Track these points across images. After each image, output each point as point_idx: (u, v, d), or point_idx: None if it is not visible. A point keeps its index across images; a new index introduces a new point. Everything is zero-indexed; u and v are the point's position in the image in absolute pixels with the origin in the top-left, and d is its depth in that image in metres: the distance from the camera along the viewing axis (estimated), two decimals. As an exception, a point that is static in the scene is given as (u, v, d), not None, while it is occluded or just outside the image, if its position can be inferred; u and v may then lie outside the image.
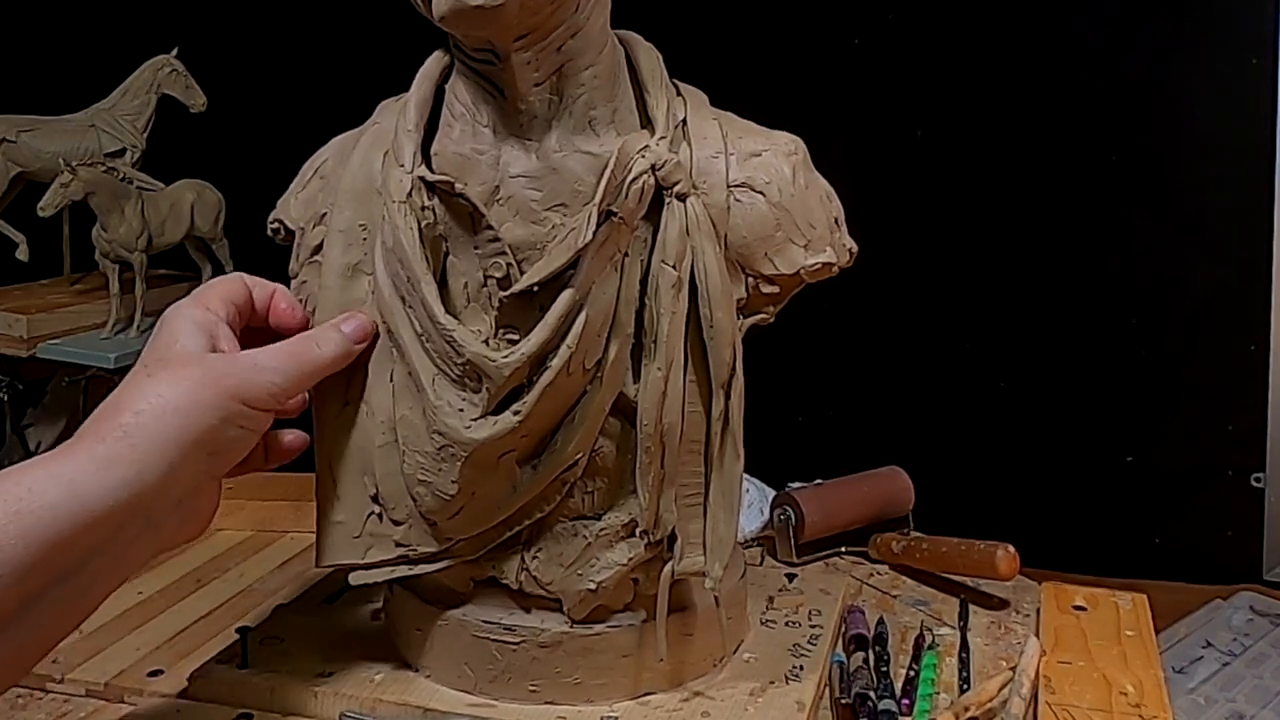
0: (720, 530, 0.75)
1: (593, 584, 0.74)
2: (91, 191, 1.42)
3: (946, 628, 0.91)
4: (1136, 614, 0.93)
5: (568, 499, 0.74)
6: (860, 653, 0.84)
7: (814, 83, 1.68)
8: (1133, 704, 0.79)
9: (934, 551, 0.99)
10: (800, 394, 1.73)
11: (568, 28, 0.71)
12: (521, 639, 0.75)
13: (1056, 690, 0.81)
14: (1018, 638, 0.91)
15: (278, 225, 0.81)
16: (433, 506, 0.72)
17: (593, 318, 0.69)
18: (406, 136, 0.73)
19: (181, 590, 0.99)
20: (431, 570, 0.76)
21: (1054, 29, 1.62)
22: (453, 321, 0.69)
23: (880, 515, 1.07)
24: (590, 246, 0.68)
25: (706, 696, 0.77)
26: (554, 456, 0.71)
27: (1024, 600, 0.96)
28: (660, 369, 0.71)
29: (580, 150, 0.72)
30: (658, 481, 0.72)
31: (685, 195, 0.72)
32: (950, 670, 0.85)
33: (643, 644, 0.76)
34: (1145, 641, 0.88)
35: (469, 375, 0.70)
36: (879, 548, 1.04)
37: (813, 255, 0.75)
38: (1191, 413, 1.64)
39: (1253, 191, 1.57)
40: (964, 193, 1.67)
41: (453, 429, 0.70)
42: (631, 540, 0.74)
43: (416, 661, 0.79)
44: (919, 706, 0.79)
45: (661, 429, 0.71)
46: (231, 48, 1.73)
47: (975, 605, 0.94)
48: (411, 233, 0.70)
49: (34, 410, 1.57)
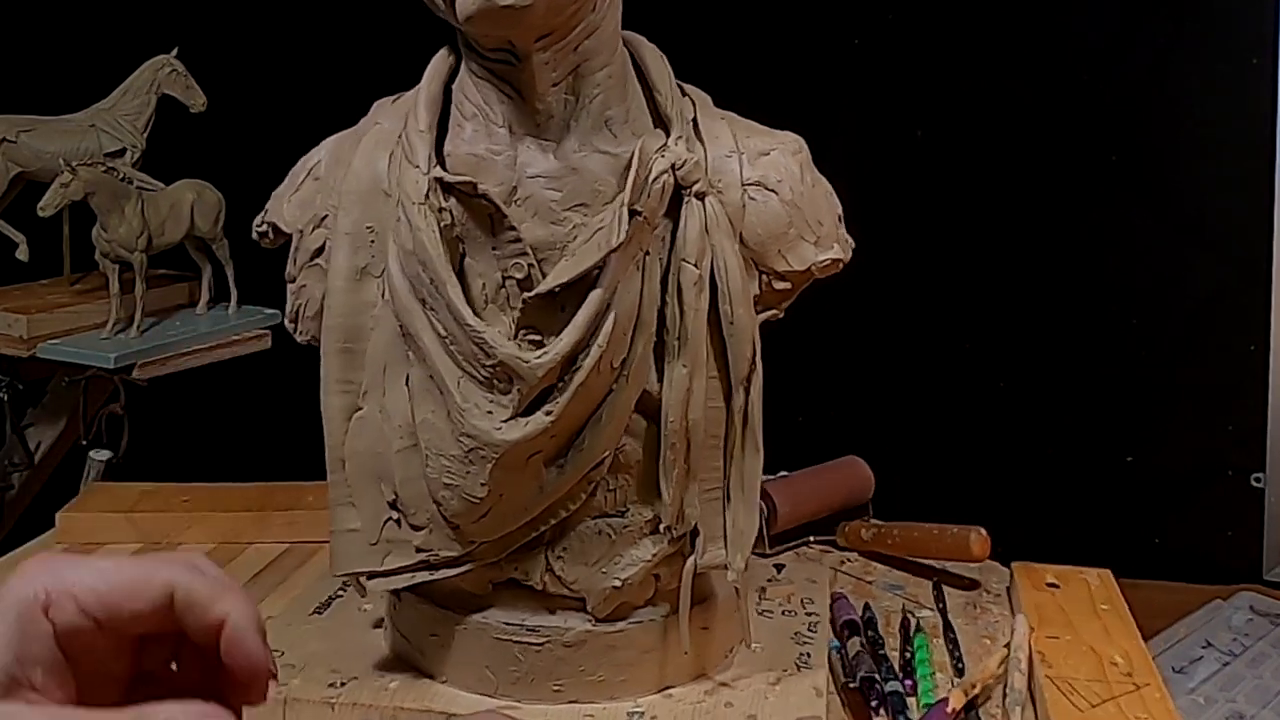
0: (741, 523, 0.75)
1: (617, 581, 0.74)
2: (91, 191, 1.41)
3: (926, 610, 0.94)
4: (1106, 589, 0.96)
5: (592, 498, 0.74)
6: (856, 638, 0.85)
7: (814, 83, 1.68)
8: (1124, 673, 0.82)
9: (906, 537, 1.02)
10: (800, 394, 1.73)
11: (585, 27, 0.71)
12: (545, 639, 0.75)
13: (1053, 664, 0.83)
14: (994, 616, 0.94)
15: (266, 228, 0.80)
16: (459, 510, 0.72)
17: (620, 317, 0.69)
18: (419, 137, 0.72)
19: None
20: (453, 575, 0.75)
21: (1054, 29, 1.62)
22: (482, 324, 0.69)
23: (843, 504, 1.10)
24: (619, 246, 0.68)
25: (727, 687, 0.78)
26: (581, 456, 0.71)
27: (992, 581, 0.99)
28: (685, 366, 0.72)
29: (599, 150, 0.72)
30: (682, 477, 0.73)
31: (704, 194, 0.72)
32: (941, 651, 0.87)
33: (664, 638, 0.77)
34: (1121, 614, 0.91)
35: (498, 377, 0.69)
36: (847, 536, 1.06)
37: (822, 251, 0.77)
38: (1191, 413, 1.64)
39: (1253, 191, 1.58)
40: (964, 193, 1.67)
41: (483, 431, 0.69)
42: (655, 536, 0.75)
43: (432, 668, 0.78)
44: (922, 686, 0.81)
45: (687, 425, 0.72)
46: (231, 48, 1.73)
47: (947, 586, 0.97)
48: (434, 234, 0.70)
49: (34, 410, 1.57)
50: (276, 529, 1.07)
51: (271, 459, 1.34)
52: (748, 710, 0.75)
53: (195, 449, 1.87)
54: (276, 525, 1.07)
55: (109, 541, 1.06)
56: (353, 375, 0.75)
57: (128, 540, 1.06)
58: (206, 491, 1.12)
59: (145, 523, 1.07)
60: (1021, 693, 0.79)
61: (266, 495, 1.11)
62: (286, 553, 1.05)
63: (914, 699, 0.80)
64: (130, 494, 1.12)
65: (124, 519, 1.07)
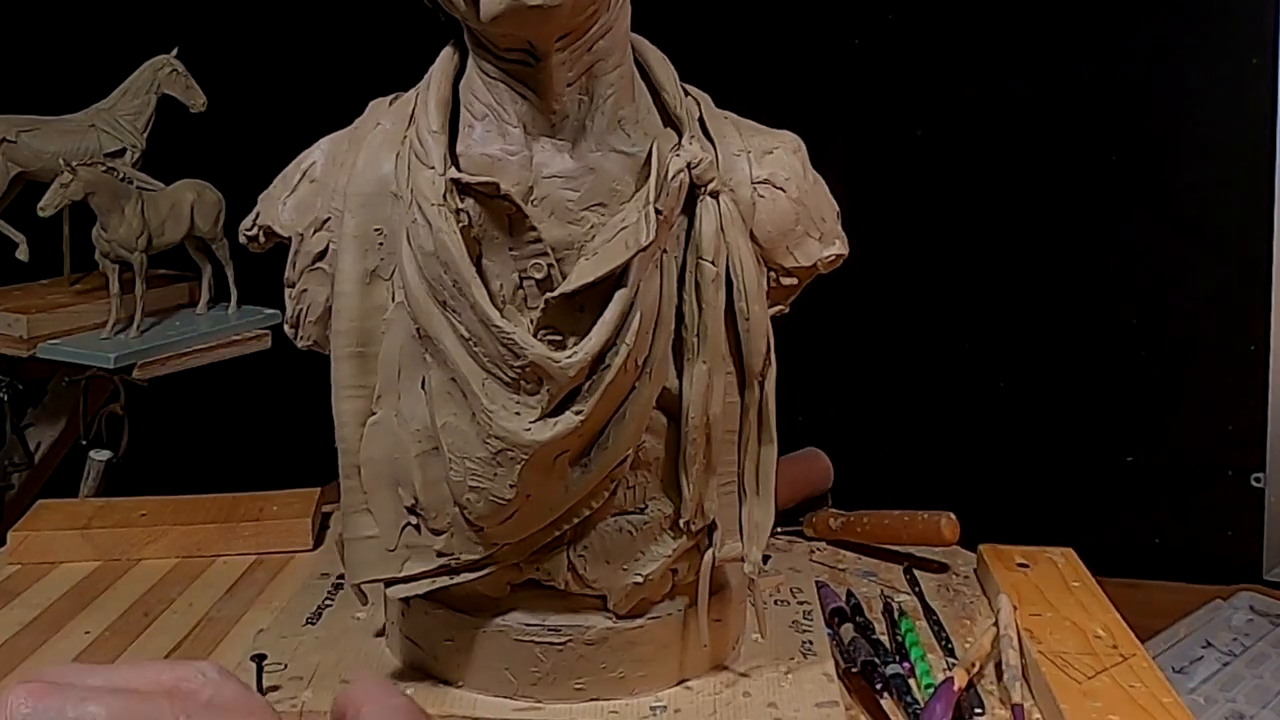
0: (757, 516, 0.77)
1: (639, 577, 0.75)
2: (91, 191, 1.41)
3: (904, 594, 0.96)
4: (1073, 567, 0.99)
5: (613, 496, 0.74)
6: (847, 624, 0.87)
7: (814, 83, 1.68)
8: (1110, 645, 0.85)
9: (876, 525, 1.03)
10: (799, 394, 1.73)
11: (601, 27, 0.71)
12: (567, 638, 0.75)
13: (1042, 640, 0.86)
14: (968, 597, 0.97)
15: (258, 231, 0.79)
16: (484, 512, 0.71)
17: (644, 315, 0.70)
18: (433, 138, 0.72)
19: (132, 625, 0.93)
20: (474, 578, 0.75)
21: (1054, 29, 1.62)
22: (510, 325, 0.69)
23: (805, 495, 1.11)
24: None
25: (744, 677, 0.79)
26: (604, 454, 0.71)
27: (959, 564, 1.02)
28: (705, 363, 0.73)
29: (616, 150, 0.73)
30: (702, 472, 0.74)
31: (718, 192, 0.73)
32: (925, 633, 0.89)
33: (682, 632, 0.77)
34: (1092, 589, 0.95)
35: (526, 378, 0.69)
36: (815, 525, 1.08)
37: (826, 247, 0.79)
38: (1191, 413, 1.65)
39: (1253, 191, 1.58)
40: (964, 192, 1.67)
41: (512, 432, 0.69)
42: (674, 531, 0.75)
43: (447, 673, 0.78)
44: (919, 668, 0.83)
45: (707, 421, 0.73)
46: (231, 48, 1.73)
47: (918, 570, 1.00)
48: (456, 235, 0.69)
49: (34, 410, 1.57)
50: (242, 541, 1.05)
51: (271, 459, 1.34)
52: (767, 699, 0.76)
53: (195, 449, 1.87)
54: (242, 537, 1.05)
55: (64, 560, 1.02)
56: (365, 380, 0.74)
57: (84, 558, 1.02)
58: (164, 504, 1.09)
59: (102, 539, 1.03)
60: (1017, 668, 0.81)
61: (229, 506, 1.08)
62: (257, 564, 1.04)
63: (913, 680, 0.82)
64: (85, 509, 1.09)
65: (79, 536, 1.03)
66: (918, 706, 0.78)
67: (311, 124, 0.84)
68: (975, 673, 0.81)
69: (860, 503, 1.09)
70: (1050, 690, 0.78)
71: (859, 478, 1.17)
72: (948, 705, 0.76)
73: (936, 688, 0.78)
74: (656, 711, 0.75)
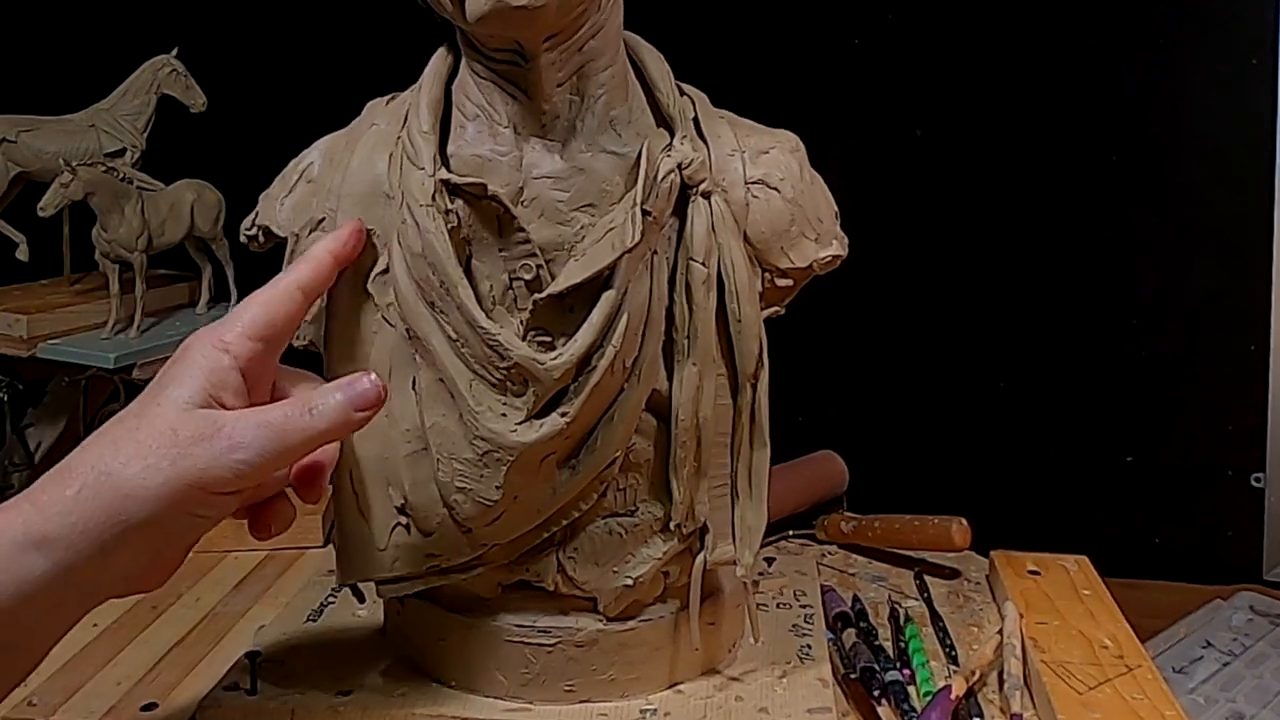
0: (749, 519, 0.76)
1: (629, 580, 0.75)
2: (91, 191, 1.41)
3: (912, 600, 0.97)
4: (1085, 574, 0.99)
5: (602, 498, 0.74)
6: (850, 630, 0.88)
7: (814, 83, 1.67)
8: (1115, 656, 0.85)
9: (887, 529, 1.03)
10: (799, 393, 1.73)
11: (591, 27, 0.71)
12: (557, 640, 0.75)
13: (1047, 649, 0.85)
14: (978, 604, 0.97)
15: (257, 231, 0.80)
16: (471, 513, 0.72)
17: (632, 317, 0.70)
18: (423, 139, 0.72)
19: (139, 619, 0.95)
20: (463, 578, 0.75)
21: (1054, 29, 1.62)
22: (495, 326, 0.69)
23: (820, 498, 1.11)
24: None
25: (736, 681, 0.79)
26: (593, 456, 0.72)
27: (971, 569, 1.03)
28: (695, 364, 0.72)
29: (606, 150, 0.72)
30: (692, 475, 0.74)
31: (709, 193, 0.73)
32: (931, 639, 0.89)
33: (674, 635, 0.77)
34: (1103, 598, 0.94)
35: (512, 379, 0.69)
36: (827, 529, 1.08)
37: (823, 248, 0.78)
38: (1191, 413, 1.64)
39: (1253, 191, 1.58)
40: (964, 193, 1.67)
41: (498, 434, 0.69)
42: (665, 534, 0.75)
43: (440, 672, 0.78)
44: (920, 675, 0.83)
45: (697, 423, 0.73)
46: (231, 48, 1.73)
47: (929, 576, 1.00)
48: (443, 236, 0.69)
49: (34, 410, 1.57)
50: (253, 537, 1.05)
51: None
52: (758, 704, 0.76)
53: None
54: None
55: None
56: None
57: None
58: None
59: None
60: (1018, 678, 0.80)
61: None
62: (267, 559, 1.04)
63: (913, 688, 0.81)
64: None
65: None
66: (914, 714, 0.77)
67: (311, 124, 0.84)
68: (976, 681, 0.81)
69: (872, 506, 1.09)
70: (1050, 700, 0.78)
71: (866, 480, 1.17)
72: (943, 713, 0.76)
73: (933, 695, 0.78)
74: (647, 714, 0.75)
